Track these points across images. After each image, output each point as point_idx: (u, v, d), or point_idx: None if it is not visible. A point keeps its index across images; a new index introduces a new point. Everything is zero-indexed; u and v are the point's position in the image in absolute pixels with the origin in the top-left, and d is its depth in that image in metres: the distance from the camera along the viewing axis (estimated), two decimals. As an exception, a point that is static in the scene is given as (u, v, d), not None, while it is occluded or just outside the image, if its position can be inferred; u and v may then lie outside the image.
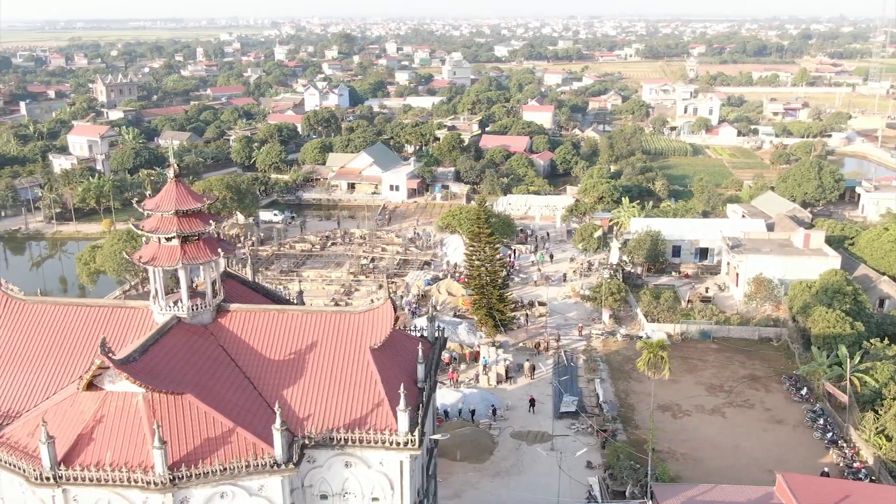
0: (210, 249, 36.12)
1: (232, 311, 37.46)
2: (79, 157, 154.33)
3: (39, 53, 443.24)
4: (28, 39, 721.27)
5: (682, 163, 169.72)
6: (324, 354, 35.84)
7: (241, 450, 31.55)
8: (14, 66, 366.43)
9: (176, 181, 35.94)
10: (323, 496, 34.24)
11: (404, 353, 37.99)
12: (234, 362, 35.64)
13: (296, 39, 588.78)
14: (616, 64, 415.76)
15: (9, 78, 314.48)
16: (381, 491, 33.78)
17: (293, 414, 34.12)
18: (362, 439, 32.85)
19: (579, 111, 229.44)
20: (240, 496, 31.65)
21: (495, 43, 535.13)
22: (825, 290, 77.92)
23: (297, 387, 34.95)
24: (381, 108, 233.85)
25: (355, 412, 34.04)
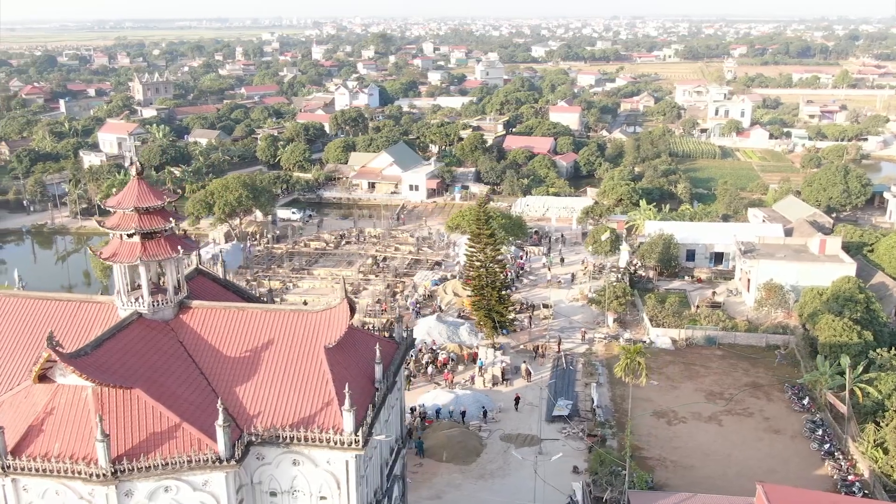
0: (171, 246, 36.59)
1: (194, 308, 37.90)
2: (108, 154, 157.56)
3: (84, 52, 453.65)
4: (77, 39, 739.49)
5: (710, 165, 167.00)
6: (278, 352, 36.06)
7: (185, 445, 31.90)
8: (59, 65, 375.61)
9: (138, 179, 36.49)
10: (272, 493, 34.45)
11: (366, 353, 37.98)
12: (191, 358, 36.05)
13: (335, 39, 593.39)
14: (653, 65, 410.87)
15: (53, 76, 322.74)
16: (329, 490, 33.86)
17: (243, 411, 34.41)
18: (307, 438, 32.98)
19: (609, 112, 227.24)
20: (184, 490, 31.99)
21: (533, 43, 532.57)
22: (836, 298, 75.96)
23: (250, 384, 35.22)
24: (411, 107, 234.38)
25: (305, 410, 34.18)
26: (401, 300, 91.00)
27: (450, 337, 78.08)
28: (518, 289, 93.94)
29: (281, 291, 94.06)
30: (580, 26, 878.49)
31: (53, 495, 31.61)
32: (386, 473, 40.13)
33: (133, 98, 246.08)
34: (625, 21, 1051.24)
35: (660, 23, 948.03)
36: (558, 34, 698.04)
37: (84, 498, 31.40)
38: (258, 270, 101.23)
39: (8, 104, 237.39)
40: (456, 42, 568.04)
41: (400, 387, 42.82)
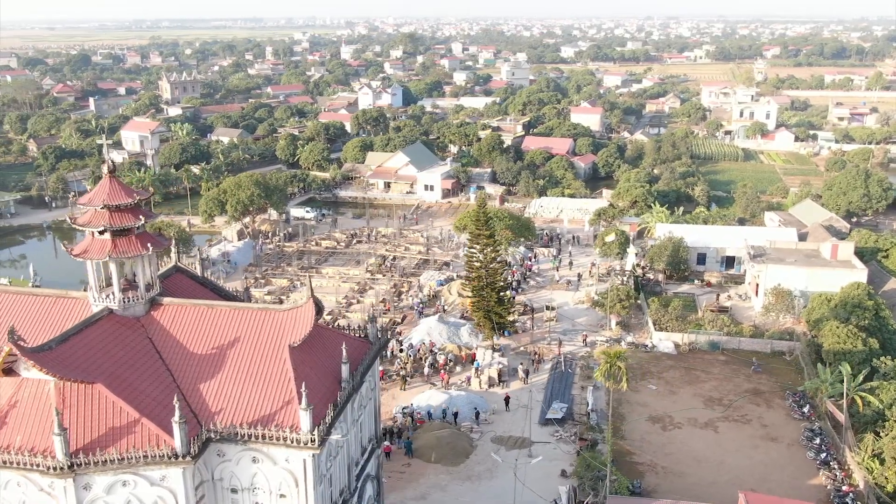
0: (141, 244, 36.99)
1: (165, 305, 38.29)
2: (130, 152, 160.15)
3: (118, 51, 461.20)
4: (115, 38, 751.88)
5: (732, 168, 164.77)
6: (244, 350, 36.29)
7: (144, 440, 32.25)
8: (93, 64, 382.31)
9: (110, 177, 36.97)
10: (233, 490, 34.68)
11: (334, 352, 38.04)
12: (158, 354, 36.43)
13: (365, 39, 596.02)
14: (684, 66, 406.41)
15: (86, 75, 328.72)
16: (288, 488, 33.99)
17: (205, 407, 34.69)
18: (265, 436, 33.14)
19: (633, 114, 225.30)
20: (142, 485, 32.34)
21: (563, 44, 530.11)
22: (844, 304, 74.55)
23: (214, 381, 35.49)
24: (434, 107, 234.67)
25: (266, 408, 34.36)
26: (406, 300, 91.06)
27: (450, 338, 78.02)
28: (524, 290, 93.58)
29: (288, 290, 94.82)
30: (612, 27, 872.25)
31: (15, 486, 32.15)
32: (356, 473, 40.18)
33: (161, 97, 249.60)
34: (658, 22, 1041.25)
35: (694, 23, 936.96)
36: (590, 35, 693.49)
37: (44, 490, 31.89)
38: (267, 268, 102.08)
39: (40, 102, 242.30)
40: (486, 42, 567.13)
41: (374, 386, 42.86)
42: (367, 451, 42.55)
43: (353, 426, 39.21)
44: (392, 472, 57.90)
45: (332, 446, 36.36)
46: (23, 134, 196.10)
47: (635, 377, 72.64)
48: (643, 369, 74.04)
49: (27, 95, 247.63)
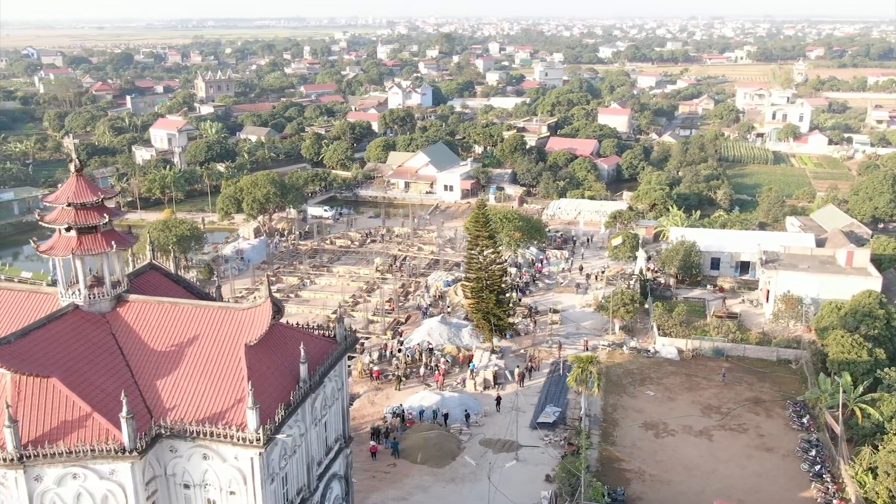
0: (105, 241, 37.62)
1: (131, 301, 38.89)
2: (158, 150, 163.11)
3: (159, 50, 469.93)
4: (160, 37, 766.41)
5: (760, 171, 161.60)
6: (202, 348, 36.68)
7: (94, 434, 32.80)
8: (135, 63, 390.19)
9: (77, 175, 37.64)
10: (186, 486, 35.10)
11: (297, 351, 38.20)
12: (120, 350, 37.03)
13: (404, 39, 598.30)
14: (723, 67, 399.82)
15: (127, 73, 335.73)
16: (237, 485, 34.29)
17: (160, 403, 35.16)
18: (212, 433, 33.46)
19: (664, 115, 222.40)
20: (91, 478, 32.91)
21: (602, 44, 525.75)
22: (854, 313, 72.61)
23: (171, 377, 35.95)
24: (464, 107, 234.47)
25: (218, 406, 34.70)
26: (412, 300, 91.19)
27: (450, 339, 77.95)
28: (532, 292, 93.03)
29: (296, 287, 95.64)
30: (655, 27, 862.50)
31: (-29, 476, 32.97)
32: (317, 472, 40.34)
33: (196, 95, 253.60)
34: (703, 22, 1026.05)
35: (739, 23, 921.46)
36: (630, 35, 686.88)
37: (-2, 480, 32.66)
38: (280, 266, 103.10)
39: (79, 100, 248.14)
40: (525, 42, 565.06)
41: (340, 386, 42.95)
42: (334, 450, 42.67)
43: (313, 426, 39.37)
44: (377, 471, 58.15)
45: (288, 445, 36.59)
46: (60, 130, 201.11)
47: (634, 383, 71.91)
48: (643, 375, 73.10)
49: (68, 93, 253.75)
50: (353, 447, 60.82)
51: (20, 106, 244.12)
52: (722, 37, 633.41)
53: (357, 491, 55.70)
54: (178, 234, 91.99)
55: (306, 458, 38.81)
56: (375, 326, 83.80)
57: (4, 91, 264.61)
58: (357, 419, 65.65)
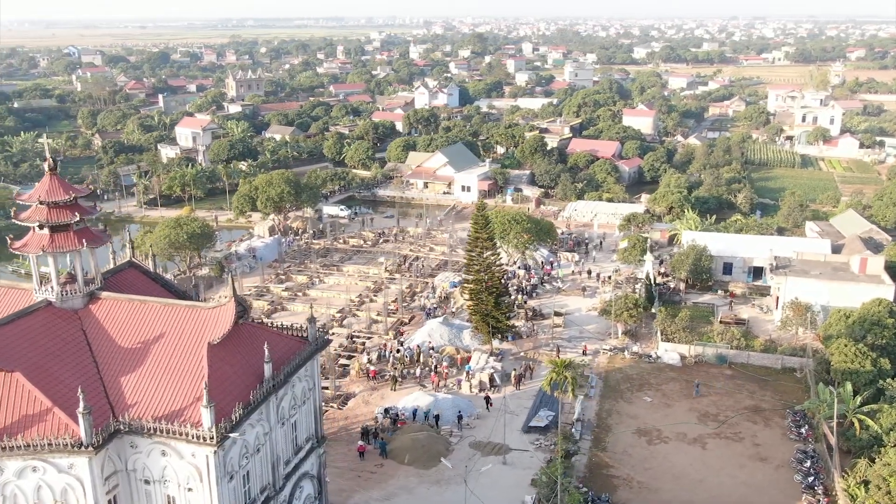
0: (77, 239, 38.35)
1: (103, 299, 39.59)
2: (182, 148, 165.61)
3: (196, 50, 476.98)
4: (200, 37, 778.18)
5: (786, 175, 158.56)
6: (167, 345, 37.20)
7: (54, 428, 33.48)
8: (171, 62, 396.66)
9: (51, 174, 38.43)
10: (146, 482, 35.63)
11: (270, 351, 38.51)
12: (89, 346, 37.71)
13: (439, 39, 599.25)
14: (759, 68, 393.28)
15: (163, 72, 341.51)
16: (194, 482, 34.71)
17: (123, 399, 35.74)
18: (168, 430, 33.93)
19: (692, 117, 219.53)
20: (50, 472, 33.58)
21: (638, 44, 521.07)
22: (863, 321, 70.97)
23: (135, 374, 36.51)
24: (490, 108, 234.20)
25: (178, 403, 35.15)
26: (419, 301, 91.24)
27: (451, 340, 77.91)
28: (539, 295, 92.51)
29: (305, 286, 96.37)
30: (694, 27, 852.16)
31: (-67, 466, 33.84)
32: (286, 471, 40.63)
33: (226, 94, 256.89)
34: (743, 22, 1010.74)
35: (781, 24, 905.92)
36: (668, 35, 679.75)
37: (-41, 471, 33.48)
38: (290, 265, 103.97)
39: (113, 98, 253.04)
40: (560, 43, 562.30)
41: (312, 386, 43.16)
42: (305, 450, 42.92)
43: (280, 425, 39.66)
44: (363, 471, 58.35)
45: (250, 443, 36.93)
46: (92, 128, 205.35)
47: (632, 388, 71.15)
48: (642, 380, 72.30)
49: (102, 92, 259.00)
50: (343, 447, 61.86)
51: (56, 104, 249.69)
52: (761, 37, 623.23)
53: (341, 490, 56.18)
54: (189, 231, 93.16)
55: (271, 457, 39.11)
56: (378, 327, 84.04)
57: (42, 89, 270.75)
58: (350, 418, 66.06)
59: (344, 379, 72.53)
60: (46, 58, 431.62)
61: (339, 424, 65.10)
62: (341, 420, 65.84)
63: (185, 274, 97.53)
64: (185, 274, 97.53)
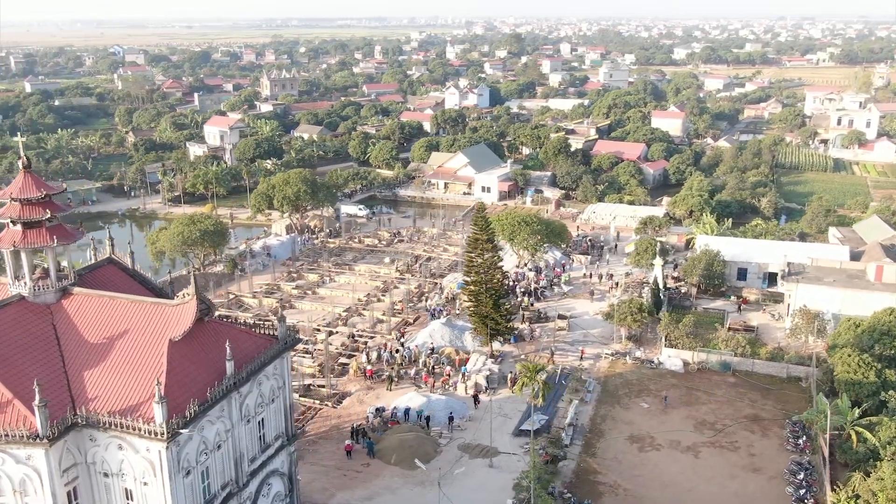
0: (49, 235, 39.19)
1: (75, 294, 40.38)
2: (210, 146, 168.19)
3: (236, 49, 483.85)
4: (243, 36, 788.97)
5: (817, 179, 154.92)
6: (130, 341, 37.79)
7: (12, 420, 34.26)
8: (211, 61, 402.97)
9: (25, 172, 39.32)
10: (105, 474, 36.27)
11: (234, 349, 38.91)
12: (57, 341, 38.51)
13: (479, 39, 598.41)
14: (802, 69, 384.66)
15: (202, 71, 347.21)
16: (149, 476, 35.23)
17: (84, 393, 36.43)
18: (122, 425, 34.49)
19: (725, 119, 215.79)
20: (9, 462, 34.38)
21: (679, 45, 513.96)
22: (872, 331, 69.12)
23: (98, 368, 37.17)
24: (521, 108, 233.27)
25: (136, 398, 35.70)
26: (428, 301, 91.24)
27: (452, 341, 77.81)
28: (547, 297, 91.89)
29: (316, 284, 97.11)
30: (739, 27, 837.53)
31: None
32: (251, 468, 40.99)
33: (260, 93, 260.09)
34: (791, 22, 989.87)
35: (830, 24, 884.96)
36: (711, 36, 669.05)
37: (-78, 461, 34.46)
38: (303, 263, 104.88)
39: (150, 96, 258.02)
40: (600, 43, 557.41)
41: (282, 384, 43.44)
42: (274, 447, 43.24)
43: (244, 422, 40.01)
44: (349, 470, 58.60)
45: (209, 439, 37.35)
46: (128, 126, 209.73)
47: (630, 394, 70.26)
48: (642, 386, 71.37)
49: (141, 90, 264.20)
50: (333, 445, 62.16)
51: (95, 102, 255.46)
52: (808, 38, 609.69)
53: (325, 489, 56.50)
54: (202, 229, 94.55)
55: (234, 454, 39.48)
56: (382, 326, 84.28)
57: (83, 87, 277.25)
58: (343, 417, 66.36)
59: (342, 378, 72.86)
60: (92, 57, 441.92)
61: (332, 423, 65.44)
62: (334, 418, 66.17)
63: (200, 271, 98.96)
64: (200, 271, 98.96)
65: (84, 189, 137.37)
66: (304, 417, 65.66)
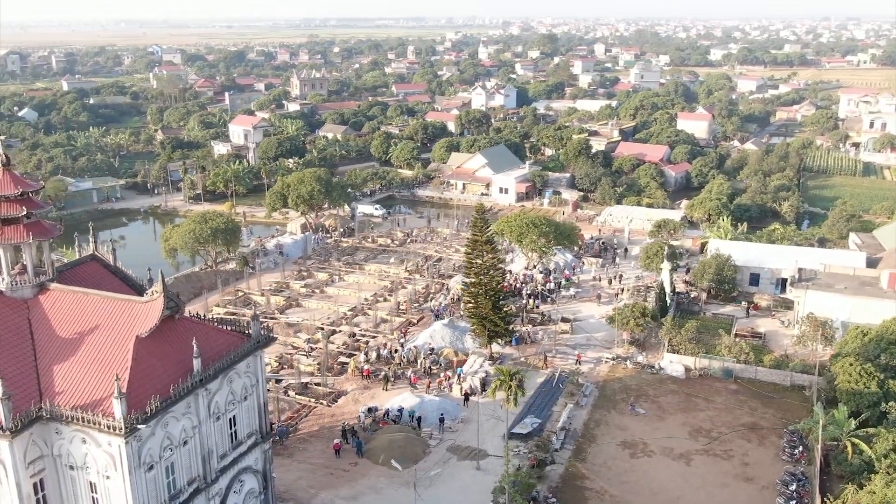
0: (26, 232, 40.00)
1: (51, 290, 41.16)
2: (234, 145, 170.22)
3: (271, 49, 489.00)
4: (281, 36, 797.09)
5: (846, 183, 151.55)
6: (100, 337, 38.37)
7: (-21, 413, 35.06)
8: (246, 61, 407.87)
9: (3, 169, 40.18)
10: (70, 467, 36.93)
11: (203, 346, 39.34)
12: (31, 335, 39.30)
13: (514, 40, 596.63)
14: (841, 71, 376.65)
15: (236, 70, 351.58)
16: (111, 470, 35.77)
17: (52, 387, 37.12)
18: (83, 419, 35.06)
19: (755, 121, 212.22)
20: (-25, 454, 35.24)
21: (716, 46, 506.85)
22: (879, 340, 67.51)
23: (67, 363, 37.83)
24: (547, 109, 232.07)
25: (100, 393, 36.27)
26: (432, 302, 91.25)
27: (452, 342, 77.79)
28: (555, 300, 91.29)
29: (325, 283, 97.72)
30: (780, 28, 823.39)
31: None
32: (221, 465, 41.37)
33: (290, 93, 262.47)
34: (835, 23, 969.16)
35: (875, 25, 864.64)
36: (751, 37, 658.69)
37: None
38: (315, 262, 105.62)
39: (183, 95, 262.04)
40: (636, 44, 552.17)
41: (255, 382, 43.77)
42: (247, 445, 43.60)
43: (213, 419, 40.40)
44: (336, 469, 58.85)
45: (174, 435, 37.81)
46: (158, 124, 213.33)
47: (627, 399, 69.44)
48: (640, 391, 70.53)
49: (174, 89, 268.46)
50: (323, 443, 62.45)
51: (129, 100, 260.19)
52: (850, 39, 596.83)
53: (310, 486, 56.83)
54: (214, 227, 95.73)
55: (201, 450, 39.88)
56: (385, 326, 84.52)
57: (118, 86, 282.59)
58: (336, 416, 66.65)
59: (340, 377, 73.19)
60: (131, 56, 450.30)
61: (325, 421, 65.79)
62: (328, 417, 66.51)
63: (212, 268, 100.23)
64: (212, 268, 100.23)
65: (108, 186, 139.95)
66: (297, 415, 66.17)
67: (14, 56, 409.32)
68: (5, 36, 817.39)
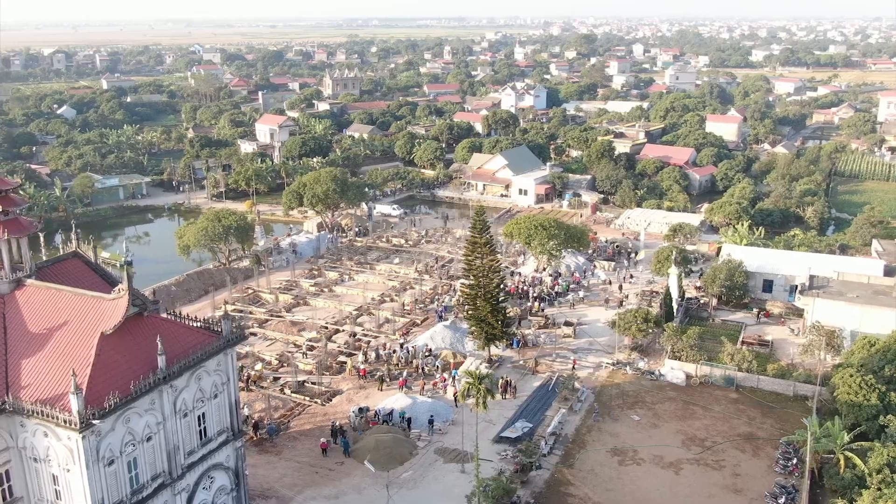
0: (1, 229, 40.98)
1: (27, 286, 42.12)
2: (260, 144, 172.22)
3: (309, 49, 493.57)
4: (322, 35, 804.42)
5: (877, 189, 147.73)
6: (68, 333, 39.12)
7: (-54, 405, 36.08)
8: (284, 60, 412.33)
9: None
10: (35, 459, 37.77)
11: (169, 343, 39.92)
12: (4, 330, 40.27)
13: (553, 40, 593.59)
14: (888, 73, 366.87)
15: (273, 70, 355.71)
16: (70, 463, 36.49)
17: (19, 382, 37.98)
18: (41, 413, 35.82)
19: (790, 124, 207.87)
20: (-58, 445, 36.26)
21: (759, 46, 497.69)
22: (886, 350, 65.70)
23: (34, 358, 38.64)
24: (577, 110, 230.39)
25: (62, 388, 36.98)
26: (436, 303, 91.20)
27: (452, 344, 77.74)
28: (561, 304, 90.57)
29: (333, 282, 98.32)
30: (828, 28, 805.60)
31: None
32: (188, 461, 41.90)
33: (322, 92, 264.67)
34: (887, 24, 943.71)
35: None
36: (797, 37, 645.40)
37: None
38: (327, 261, 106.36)
39: (218, 94, 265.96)
40: (677, 44, 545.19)
41: (226, 380, 44.21)
42: (218, 442, 44.08)
43: (179, 416, 40.92)
44: (322, 468, 59.16)
45: (137, 431, 38.42)
46: (191, 122, 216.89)
47: (623, 405, 68.62)
48: (637, 398, 69.60)
49: (210, 88, 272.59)
50: (312, 442, 62.81)
51: (165, 99, 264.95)
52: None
53: (294, 484, 57.22)
54: (227, 224, 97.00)
55: (167, 446, 40.44)
56: (388, 326, 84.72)
57: (155, 85, 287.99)
58: (329, 415, 66.94)
59: (338, 376, 73.58)
60: (173, 55, 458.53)
61: (317, 420, 66.17)
62: (320, 416, 66.88)
63: (224, 265, 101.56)
64: (224, 265, 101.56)
65: (134, 183, 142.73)
66: (290, 413, 66.69)
67: (60, 55, 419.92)
68: (57, 36, 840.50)
